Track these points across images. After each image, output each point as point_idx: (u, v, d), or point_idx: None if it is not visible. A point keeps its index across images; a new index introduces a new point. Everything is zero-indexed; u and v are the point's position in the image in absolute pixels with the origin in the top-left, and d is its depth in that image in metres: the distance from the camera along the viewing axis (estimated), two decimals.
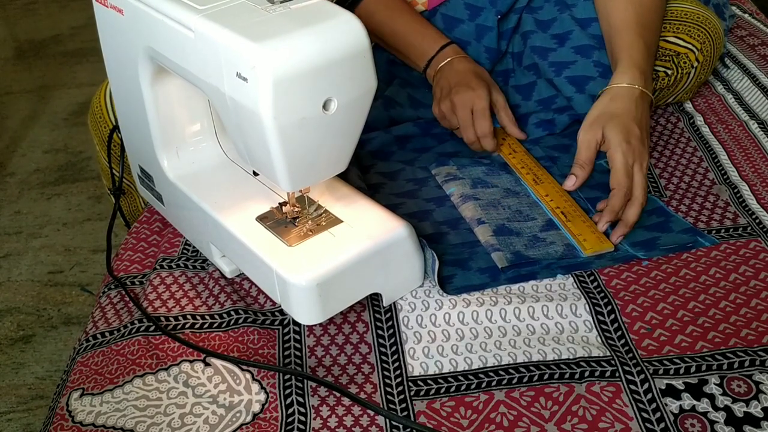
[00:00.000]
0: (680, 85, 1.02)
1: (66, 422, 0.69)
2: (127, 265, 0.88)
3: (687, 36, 1.00)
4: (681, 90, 1.04)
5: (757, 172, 0.92)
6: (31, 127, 2.24)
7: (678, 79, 1.01)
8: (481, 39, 1.04)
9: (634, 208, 0.82)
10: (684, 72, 1.00)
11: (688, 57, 1.00)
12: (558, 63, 0.99)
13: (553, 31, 1.01)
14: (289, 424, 0.67)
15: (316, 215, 0.77)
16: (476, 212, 0.87)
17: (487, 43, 1.03)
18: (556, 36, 1.00)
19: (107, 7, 0.79)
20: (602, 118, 0.85)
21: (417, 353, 0.73)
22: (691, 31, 1.00)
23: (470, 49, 1.04)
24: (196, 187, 0.82)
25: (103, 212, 1.85)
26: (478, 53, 1.04)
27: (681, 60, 0.99)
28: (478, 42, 1.04)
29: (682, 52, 0.99)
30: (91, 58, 2.62)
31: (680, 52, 0.99)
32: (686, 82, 1.02)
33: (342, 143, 0.70)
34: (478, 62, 1.04)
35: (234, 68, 0.62)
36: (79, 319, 1.53)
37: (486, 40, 1.03)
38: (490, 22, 1.03)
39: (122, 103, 0.89)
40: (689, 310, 0.74)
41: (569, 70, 0.99)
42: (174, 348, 0.74)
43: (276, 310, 0.79)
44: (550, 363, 0.70)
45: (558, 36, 1.00)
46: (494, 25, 1.02)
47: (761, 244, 0.81)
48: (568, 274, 0.80)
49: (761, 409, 0.64)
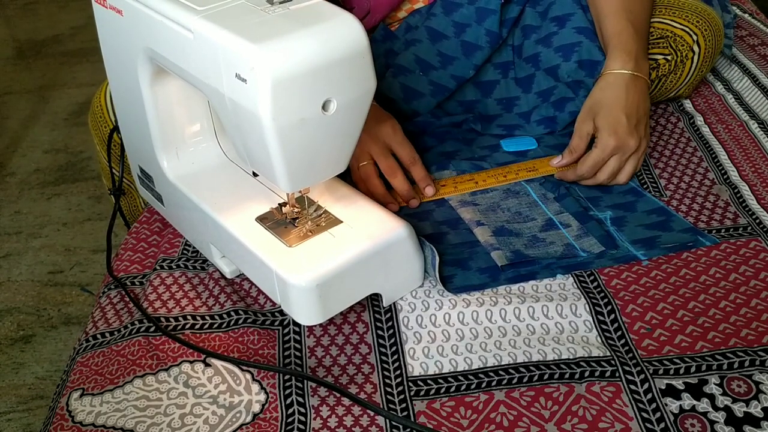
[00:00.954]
0: (683, 75, 1.01)
1: (66, 422, 0.69)
2: (127, 266, 0.88)
3: (683, 20, 1.00)
4: (683, 83, 1.03)
5: (757, 172, 0.92)
6: (31, 127, 2.25)
7: (678, 63, 1.00)
8: (482, 21, 1.01)
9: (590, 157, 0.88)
10: (683, 55, 0.99)
11: (685, 40, 0.99)
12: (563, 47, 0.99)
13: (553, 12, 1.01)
14: (289, 424, 0.67)
15: (316, 216, 0.77)
16: (475, 215, 0.87)
17: (489, 26, 1.01)
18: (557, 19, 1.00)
19: (106, 7, 0.79)
20: (594, 108, 0.90)
21: (417, 353, 0.73)
22: (688, 17, 1.00)
23: (470, 31, 1.02)
24: (196, 188, 0.82)
25: (103, 212, 1.85)
26: (478, 35, 1.01)
27: (678, 43, 0.99)
28: (479, 24, 1.02)
29: (678, 33, 0.99)
30: (91, 58, 2.62)
31: (677, 34, 0.99)
32: (688, 71, 1.01)
33: (341, 144, 0.70)
34: (477, 45, 1.01)
35: (233, 69, 0.62)
36: (79, 319, 1.53)
37: (488, 23, 1.01)
38: (492, 5, 1.01)
39: (122, 104, 0.89)
40: (689, 310, 0.74)
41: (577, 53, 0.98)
42: (174, 348, 0.74)
43: (276, 310, 0.79)
44: (550, 363, 0.70)
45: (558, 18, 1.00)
46: (497, 8, 1.00)
47: (761, 244, 0.81)
48: (567, 274, 0.80)
49: (761, 409, 0.64)
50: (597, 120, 0.89)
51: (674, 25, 1.00)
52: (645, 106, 0.90)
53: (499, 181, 0.93)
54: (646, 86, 0.91)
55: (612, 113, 0.87)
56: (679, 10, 1.01)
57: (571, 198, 0.89)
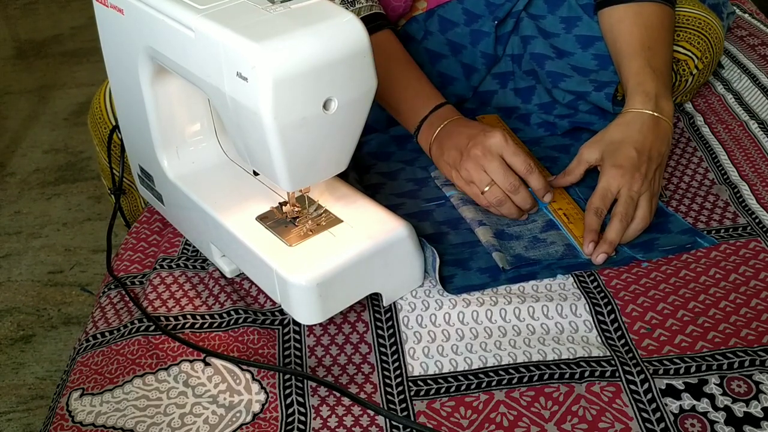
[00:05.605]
0: (678, 90, 1.03)
1: (66, 422, 0.69)
2: (127, 265, 0.88)
3: (687, 43, 1.00)
4: (679, 94, 1.04)
5: (757, 172, 0.92)
6: (31, 127, 2.24)
7: (676, 86, 1.01)
8: (476, 44, 1.02)
9: (613, 226, 0.80)
10: (683, 79, 1.01)
11: (687, 65, 1.00)
12: (555, 74, 0.99)
13: (555, 43, 1.00)
14: (289, 424, 0.67)
15: (316, 215, 0.77)
16: (477, 214, 0.87)
17: (484, 48, 1.02)
18: (556, 49, 1.00)
19: (107, 6, 0.79)
20: (604, 140, 0.85)
21: (417, 353, 0.73)
22: (691, 39, 1.00)
23: (466, 53, 1.03)
24: (196, 187, 0.82)
25: (103, 212, 1.85)
26: (474, 58, 1.03)
27: (680, 67, 1.00)
28: (474, 47, 1.02)
29: (681, 59, 1.00)
30: (91, 58, 2.62)
31: (680, 59, 0.99)
32: (684, 87, 1.02)
33: (342, 143, 0.70)
34: (473, 67, 1.03)
35: (234, 68, 0.62)
36: (79, 319, 1.53)
37: (482, 45, 1.02)
38: (486, 28, 1.01)
39: (122, 103, 0.89)
40: (689, 310, 0.74)
41: (565, 83, 0.98)
42: (174, 348, 0.74)
43: (276, 310, 0.79)
44: (550, 363, 0.70)
45: (557, 49, 1.00)
46: (491, 31, 1.01)
47: (761, 244, 0.81)
48: (568, 274, 0.80)
49: (761, 409, 0.64)
50: (605, 153, 0.84)
51: (679, 51, 0.99)
52: (660, 148, 0.84)
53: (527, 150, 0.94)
54: (666, 129, 0.86)
55: (621, 148, 0.83)
56: (683, 30, 1.00)
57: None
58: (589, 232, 0.81)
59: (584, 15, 0.98)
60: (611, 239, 0.80)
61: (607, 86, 0.95)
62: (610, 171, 0.82)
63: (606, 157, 0.84)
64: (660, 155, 0.84)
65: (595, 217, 0.81)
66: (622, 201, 0.81)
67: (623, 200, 0.81)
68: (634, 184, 0.81)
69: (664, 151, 0.85)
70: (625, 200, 0.81)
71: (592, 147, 0.86)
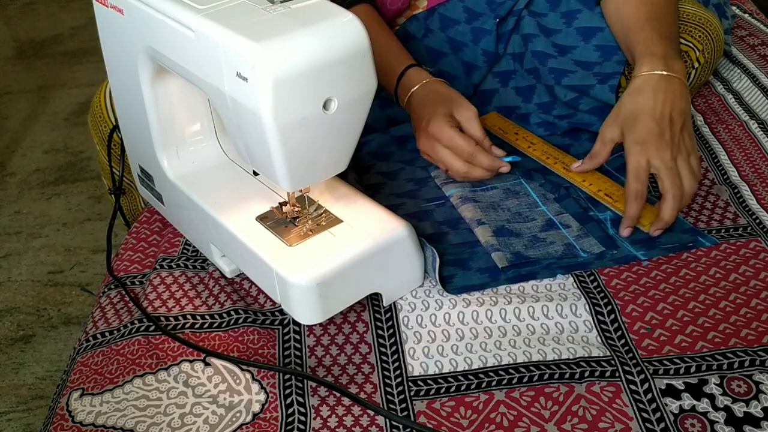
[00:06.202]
0: None
1: (66, 422, 0.69)
2: (127, 265, 0.88)
3: (688, 36, 1.00)
4: None
5: (757, 172, 0.92)
6: (31, 127, 2.25)
7: None
8: (478, 42, 1.02)
9: (667, 203, 0.80)
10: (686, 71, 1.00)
11: (689, 55, 0.99)
12: (557, 70, 0.99)
13: (556, 40, 1.00)
14: (289, 424, 0.67)
15: (316, 215, 0.77)
16: (476, 213, 0.87)
17: (485, 47, 1.02)
18: (558, 46, 1.00)
19: (107, 6, 0.79)
20: (621, 115, 0.84)
21: (417, 353, 0.73)
22: (692, 32, 1.00)
23: (466, 51, 1.03)
24: (196, 187, 0.82)
25: (103, 212, 1.85)
26: (475, 55, 1.03)
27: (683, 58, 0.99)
28: (475, 45, 1.03)
29: (684, 49, 0.99)
30: (91, 58, 2.62)
31: (682, 50, 0.99)
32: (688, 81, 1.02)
33: (342, 143, 0.70)
34: (474, 65, 1.03)
35: (234, 68, 0.62)
36: (79, 319, 1.53)
37: (483, 43, 1.02)
38: (488, 26, 1.02)
39: (122, 103, 0.89)
40: (689, 310, 0.74)
41: (568, 78, 0.98)
42: (174, 348, 0.74)
43: (276, 310, 0.79)
44: (550, 363, 0.70)
45: (559, 46, 1.00)
46: (492, 29, 1.01)
47: (761, 244, 0.81)
48: (568, 274, 0.80)
49: (761, 409, 0.64)
50: (624, 128, 0.83)
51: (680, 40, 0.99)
52: (680, 105, 0.82)
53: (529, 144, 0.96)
54: (680, 85, 0.83)
55: (640, 124, 0.81)
56: (683, 23, 1.00)
57: (571, 199, 0.89)
58: (627, 218, 0.81)
59: (584, 8, 0.98)
60: (667, 220, 0.80)
61: (610, 78, 0.95)
62: (634, 148, 0.81)
63: (626, 133, 0.82)
64: (681, 113, 0.82)
65: (635, 203, 0.81)
66: (662, 176, 0.80)
67: (663, 174, 0.79)
68: (663, 153, 0.79)
69: (684, 108, 0.82)
70: (665, 173, 0.79)
71: (611, 125, 0.85)
